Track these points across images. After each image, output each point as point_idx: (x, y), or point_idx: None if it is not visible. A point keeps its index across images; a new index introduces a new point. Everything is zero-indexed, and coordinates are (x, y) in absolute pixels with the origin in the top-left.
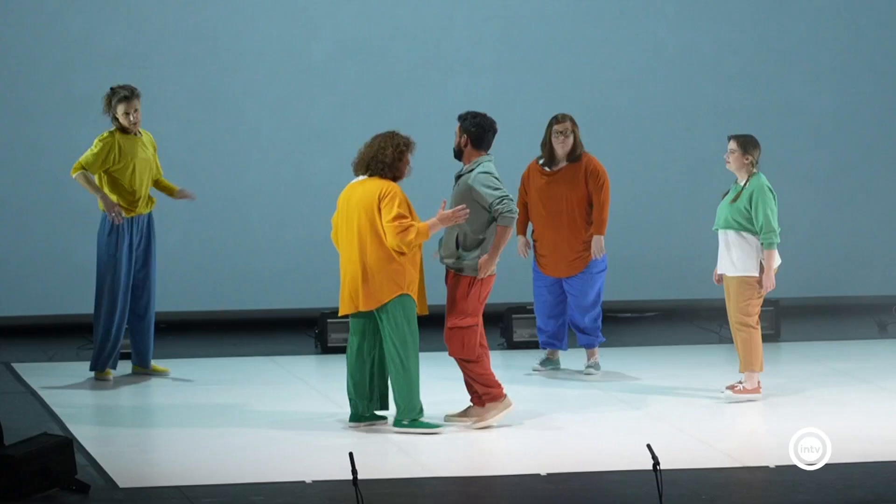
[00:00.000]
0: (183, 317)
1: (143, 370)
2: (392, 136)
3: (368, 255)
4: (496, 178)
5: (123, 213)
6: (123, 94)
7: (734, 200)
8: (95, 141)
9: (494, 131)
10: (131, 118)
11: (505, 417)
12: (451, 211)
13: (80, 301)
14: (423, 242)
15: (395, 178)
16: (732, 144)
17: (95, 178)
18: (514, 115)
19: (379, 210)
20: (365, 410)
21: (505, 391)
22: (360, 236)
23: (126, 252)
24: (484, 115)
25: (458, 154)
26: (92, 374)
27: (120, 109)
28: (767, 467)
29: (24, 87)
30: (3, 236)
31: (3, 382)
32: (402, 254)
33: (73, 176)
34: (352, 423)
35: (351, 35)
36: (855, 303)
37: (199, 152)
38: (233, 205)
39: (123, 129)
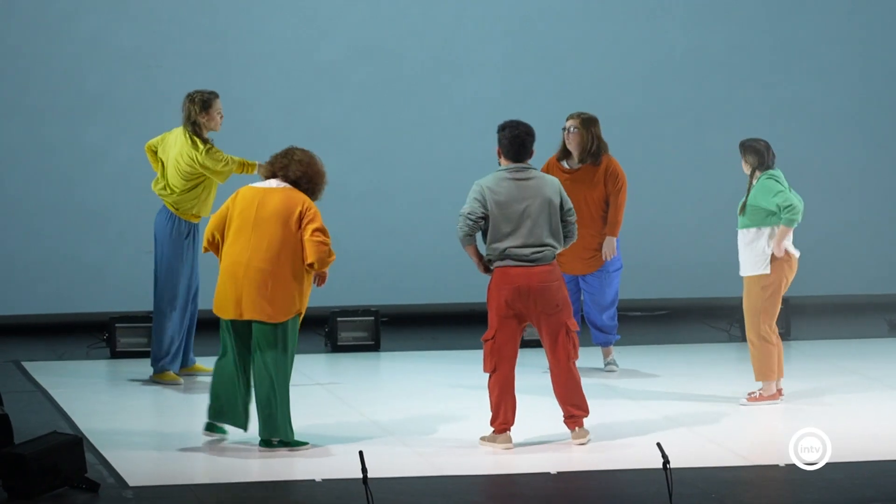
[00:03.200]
0: None
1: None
2: (321, 164)
3: (281, 266)
4: (472, 195)
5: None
6: (212, 91)
7: (745, 201)
8: (213, 158)
9: (512, 138)
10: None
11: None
12: None
13: (90, 300)
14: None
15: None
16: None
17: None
18: (524, 115)
19: (300, 224)
20: (221, 420)
21: (505, 430)
22: (272, 245)
23: (189, 257)
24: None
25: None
26: (150, 376)
27: (218, 106)
28: (777, 466)
29: (35, 86)
30: (15, 235)
31: (14, 381)
32: (311, 268)
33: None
34: (207, 433)
35: (361, 36)
36: (865, 301)
37: None
38: None
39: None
